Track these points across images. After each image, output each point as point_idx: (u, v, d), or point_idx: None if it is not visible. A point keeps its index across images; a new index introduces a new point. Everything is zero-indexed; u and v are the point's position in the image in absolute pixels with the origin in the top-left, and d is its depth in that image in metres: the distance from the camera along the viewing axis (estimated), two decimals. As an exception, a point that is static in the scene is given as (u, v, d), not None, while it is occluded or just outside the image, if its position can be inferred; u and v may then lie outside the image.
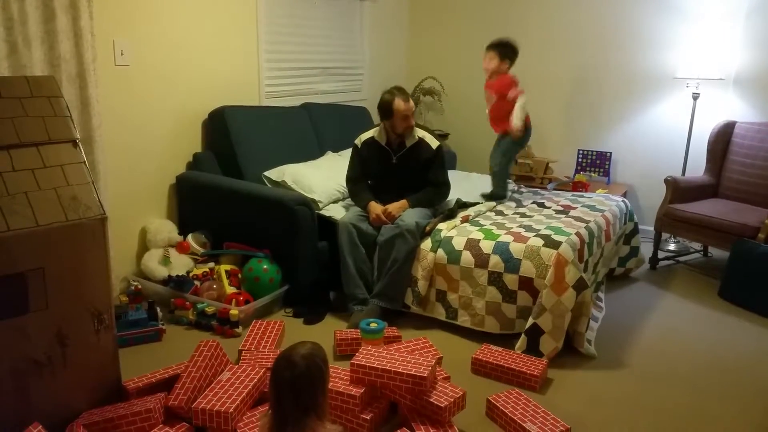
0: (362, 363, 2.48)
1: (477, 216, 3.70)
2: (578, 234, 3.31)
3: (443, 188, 3.78)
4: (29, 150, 2.27)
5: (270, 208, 3.55)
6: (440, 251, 3.34)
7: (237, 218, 3.71)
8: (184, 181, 3.91)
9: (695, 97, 4.60)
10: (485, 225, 3.51)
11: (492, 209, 3.88)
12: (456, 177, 4.16)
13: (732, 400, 2.75)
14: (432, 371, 2.45)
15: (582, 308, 3.06)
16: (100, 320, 2.39)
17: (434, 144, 3.70)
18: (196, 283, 3.49)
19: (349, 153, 3.88)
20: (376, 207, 3.58)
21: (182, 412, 2.39)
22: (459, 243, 3.32)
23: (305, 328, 3.38)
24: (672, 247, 4.77)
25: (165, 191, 3.92)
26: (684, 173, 4.73)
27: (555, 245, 3.12)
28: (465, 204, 3.86)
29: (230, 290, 3.45)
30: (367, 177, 3.81)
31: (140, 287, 3.44)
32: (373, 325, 3.06)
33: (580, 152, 5.27)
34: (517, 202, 4.05)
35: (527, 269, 3.12)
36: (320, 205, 3.80)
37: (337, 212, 3.76)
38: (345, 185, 3.86)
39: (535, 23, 5.34)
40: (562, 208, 3.85)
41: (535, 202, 4.03)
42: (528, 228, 3.41)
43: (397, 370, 2.43)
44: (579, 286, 3.01)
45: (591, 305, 3.12)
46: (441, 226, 3.48)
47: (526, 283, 3.12)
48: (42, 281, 2.20)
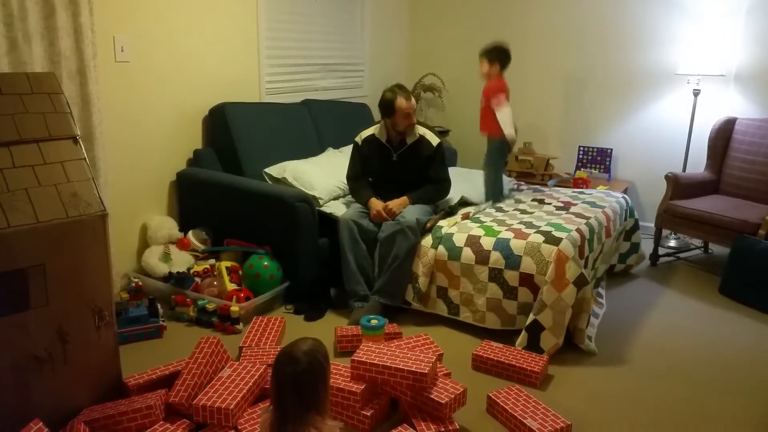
0: (363, 359, 2.49)
1: (477, 213, 3.70)
2: (579, 230, 3.31)
3: (444, 185, 3.77)
4: (29, 146, 2.26)
5: (270, 205, 3.55)
6: (441, 248, 3.34)
7: (238, 215, 3.71)
8: (185, 178, 3.90)
9: (696, 94, 4.59)
10: (486, 222, 3.51)
11: (492, 206, 3.88)
12: (456, 174, 4.15)
13: (732, 396, 2.76)
14: (433, 368, 2.46)
15: (582, 305, 3.06)
16: (101, 317, 2.39)
17: (435, 141, 3.69)
18: (197, 280, 3.49)
19: (350, 150, 3.88)
20: (377, 203, 3.58)
21: (183, 409, 2.39)
22: (459, 240, 3.32)
23: (306, 325, 3.38)
24: (672, 244, 4.77)
25: (165, 188, 3.92)
26: (685, 170, 4.73)
27: (555, 242, 3.12)
28: (467, 201, 3.86)
29: (231, 287, 3.45)
30: (368, 174, 3.81)
31: (141, 284, 3.45)
32: (374, 322, 3.06)
33: (581, 149, 5.27)
34: (518, 199, 4.05)
35: (528, 266, 3.12)
36: (321, 202, 3.79)
37: (338, 209, 3.76)
38: (345, 182, 3.86)
39: (536, 20, 5.33)
40: (563, 205, 3.85)
41: (536, 199, 4.03)
42: (528, 224, 3.41)
43: (398, 367, 2.43)
44: (579, 283, 3.01)
45: (591, 302, 3.12)
46: (442, 223, 3.48)
47: (527, 280, 3.12)
48: (42, 278, 2.20)
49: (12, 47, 2.88)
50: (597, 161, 5.20)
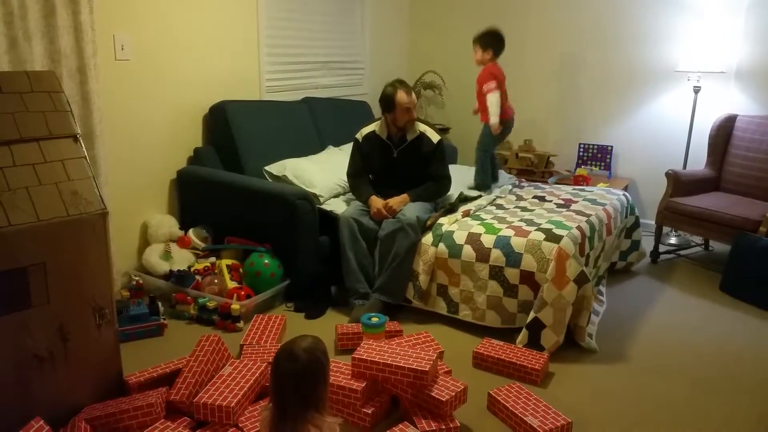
0: (363, 357, 2.49)
1: (478, 210, 3.70)
2: (579, 228, 3.31)
3: (444, 182, 3.77)
4: (30, 145, 2.26)
5: (271, 203, 3.55)
6: (441, 245, 3.34)
7: (238, 213, 3.71)
8: (185, 176, 3.91)
9: (696, 91, 4.58)
10: (486, 219, 3.51)
11: (492, 203, 3.88)
12: (457, 171, 4.15)
13: (733, 393, 2.76)
14: (433, 365, 2.46)
15: (583, 302, 3.06)
16: (102, 315, 2.40)
17: (435, 138, 3.69)
18: (198, 278, 3.49)
19: (350, 147, 3.88)
20: (377, 201, 3.58)
21: (184, 407, 2.39)
22: (460, 237, 3.32)
23: (306, 323, 3.38)
24: (673, 241, 4.77)
25: (166, 186, 3.92)
26: (685, 167, 4.72)
27: (556, 239, 3.12)
28: (467, 198, 3.87)
29: (231, 285, 3.45)
30: (368, 171, 3.81)
31: (141, 282, 3.45)
32: (375, 320, 3.06)
33: (581, 146, 5.26)
34: (518, 196, 4.05)
35: (528, 263, 3.12)
36: (321, 200, 3.80)
37: (338, 207, 3.76)
38: (346, 180, 3.86)
39: (536, 16, 5.33)
40: (564, 202, 3.85)
41: (536, 196, 4.02)
42: (529, 222, 3.41)
43: (399, 365, 2.43)
44: (580, 280, 3.01)
45: (592, 299, 3.12)
46: (442, 221, 3.48)
47: (528, 277, 3.12)
48: (43, 276, 2.20)
49: (12, 45, 2.88)
50: (597, 158, 5.20)
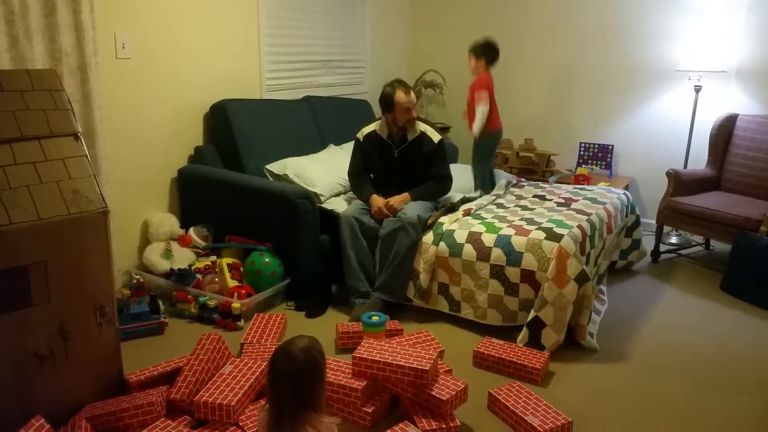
0: (364, 356, 2.49)
1: (479, 209, 3.70)
2: (580, 227, 3.31)
3: (445, 182, 3.77)
4: (31, 143, 2.26)
5: (272, 202, 3.55)
6: (442, 244, 3.34)
7: (239, 211, 3.71)
8: (186, 175, 3.91)
9: (697, 90, 4.58)
10: (487, 218, 3.51)
11: (493, 202, 3.88)
12: (457, 171, 4.15)
13: (733, 393, 2.76)
14: (434, 364, 2.46)
15: (584, 301, 3.06)
16: (102, 313, 2.40)
17: (436, 138, 3.69)
18: (198, 277, 3.49)
19: (351, 146, 3.88)
20: (378, 200, 3.58)
21: (184, 406, 2.39)
22: (461, 236, 3.32)
23: (307, 322, 3.38)
24: (674, 240, 4.77)
25: (167, 184, 3.92)
26: (686, 166, 4.72)
27: (557, 238, 3.12)
28: (467, 198, 3.87)
29: (232, 283, 3.45)
30: (369, 170, 3.81)
31: (142, 280, 3.45)
32: (375, 318, 3.06)
33: (582, 145, 5.26)
34: (519, 195, 4.05)
35: (529, 262, 3.12)
36: (322, 199, 3.80)
37: (339, 205, 3.76)
38: (347, 179, 3.86)
39: (537, 15, 5.32)
40: (564, 201, 3.84)
41: (537, 195, 4.02)
42: (530, 221, 3.41)
43: (399, 363, 2.43)
44: (581, 279, 3.01)
45: (593, 298, 3.12)
46: (443, 220, 3.48)
47: (528, 276, 3.12)
48: (44, 275, 2.20)
49: (13, 44, 2.88)
50: (598, 158, 5.20)
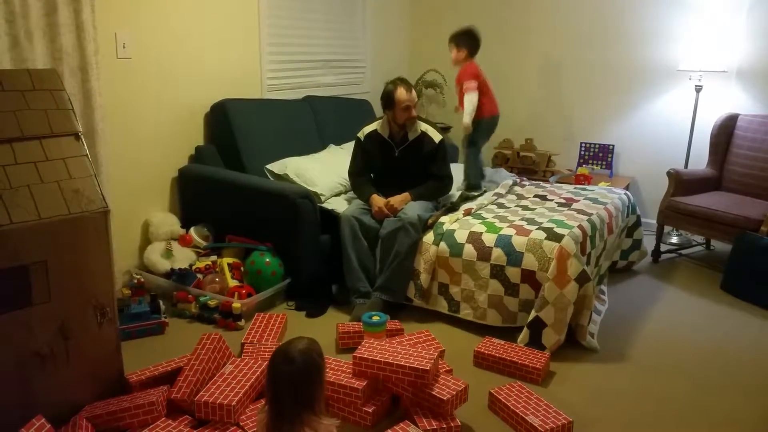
0: (364, 356, 2.49)
1: (479, 209, 3.70)
2: (581, 227, 3.31)
3: (446, 182, 3.77)
4: (32, 143, 2.27)
5: (272, 201, 3.55)
6: (442, 244, 3.34)
7: (239, 211, 3.71)
8: (187, 174, 3.90)
9: (698, 90, 4.58)
10: (487, 218, 3.51)
11: (494, 202, 3.88)
12: (458, 170, 4.15)
13: (734, 393, 2.76)
14: (434, 364, 2.46)
15: (584, 301, 3.06)
16: (103, 313, 2.40)
17: (437, 137, 3.69)
18: (199, 276, 3.50)
19: (351, 146, 3.88)
20: (379, 200, 3.58)
21: (185, 405, 2.39)
22: (461, 236, 3.32)
23: (307, 321, 3.38)
24: (674, 240, 4.77)
25: (167, 184, 3.92)
26: (686, 166, 4.72)
27: (557, 238, 3.12)
28: (468, 197, 3.87)
29: (233, 283, 3.45)
30: (370, 170, 3.81)
31: (143, 280, 3.44)
32: (376, 318, 3.06)
33: (583, 145, 5.26)
34: (520, 195, 4.05)
35: (529, 262, 3.12)
36: (322, 199, 3.80)
37: (340, 205, 3.76)
38: (347, 178, 3.86)
39: (537, 15, 5.32)
40: (565, 201, 3.84)
41: (538, 195, 4.02)
42: (530, 221, 3.41)
43: (400, 363, 2.43)
44: (581, 279, 3.01)
45: (593, 298, 3.12)
46: (443, 219, 3.48)
47: (529, 276, 3.12)
48: (45, 274, 2.20)
49: (14, 44, 2.88)
50: (599, 158, 5.20)
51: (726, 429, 2.51)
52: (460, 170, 4.22)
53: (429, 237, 3.40)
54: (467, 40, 4.00)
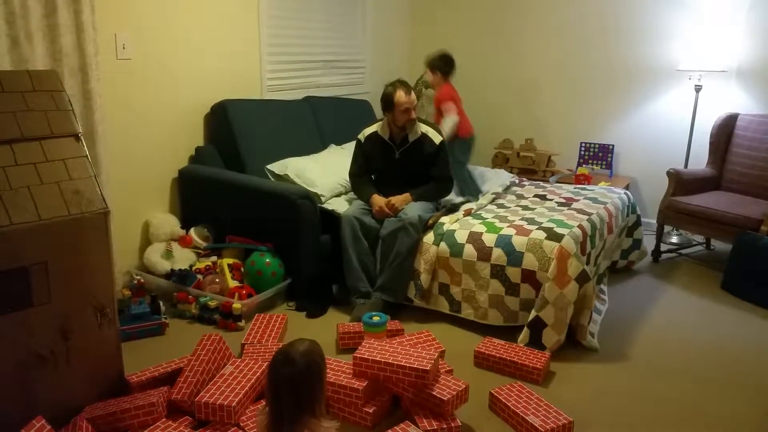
0: (365, 356, 2.49)
1: (479, 209, 3.70)
2: (581, 226, 3.31)
3: (447, 183, 3.77)
4: (32, 144, 2.27)
5: (272, 202, 3.55)
6: (443, 244, 3.34)
7: (239, 212, 3.71)
8: (187, 175, 3.90)
9: (698, 90, 4.58)
10: (488, 218, 3.51)
11: (494, 202, 3.88)
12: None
13: (734, 392, 2.76)
14: (435, 364, 2.46)
15: (585, 301, 3.06)
16: (103, 314, 2.40)
17: (437, 139, 3.69)
18: (199, 277, 3.49)
19: (352, 146, 3.88)
20: (379, 200, 3.58)
21: (185, 406, 2.40)
22: (461, 236, 3.32)
23: (308, 322, 3.38)
24: (675, 240, 4.77)
25: (167, 185, 3.92)
26: (686, 166, 4.72)
27: (557, 238, 3.12)
28: (469, 200, 3.87)
29: (233, 284, 3.45)
30: (371, 171, 3.81)
31: (143, 281, 3.44)
32: (376, 319, 3.06)
33: (583, 145, 5.26)
34: (520, 195, 4.05)
35: (530, 262, 3.12)
36: (322, 199, 3.80)
37: (340, 206, 3.76)
38: (347, 179, 3.86)
39: (537, 16, 5.32)
40: (565, 201, 3.84)
41: (538, 195, 4.02)
42: (530, 221, 3.41)
43: (400, 364, 2.43)
44: (581, 279, 3.01)
45: (594, 298, 3.12)
46: (443, 220, 3.48)
47: (529, 276, 3.12)
48: (45, 275, 2.20)
49: (14, 45, 2.88)
50: (599, 157, 5.20)
51: (726, 429, 2.51)
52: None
53: (429, 237, 3.40)
54: (439, 64, 4.21)
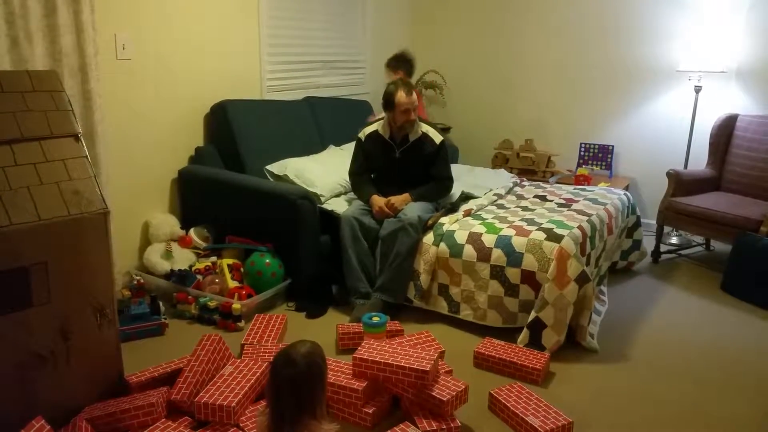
0: (364, 357, 2.49)
1: (479, 210, 3.70)
2: (580, 227, 3.31)
3: (446, 183, 3.77)
4: (31, 144, 2.26)
5: (272, 202, 3.55)
6: (442, 245, 3.34)
7: (239, 212, 3.71)
8: (187, 175, 3.90)
9: (697, 90, 4.58)
10: (487, 219, 3.51)
11: (494, 203, 3.88)
12: (458, 171, 4.15)
13: (734, 393, 2.76)
14: (434, 365, 2.46)
15: (584, 302, 3.06)
16: (103, 314, 2.40)
17: (438, 139, 3.69)
18: (199, 278, 3.49)
19: (352, 147, 3.88)
20: (379, 199, 3.58)
21: (185, 406, 2.39)
22: (461, 237, 3.32)
23: (307, 322, 3.38)
24: (674, 241, 4.77)
25: (167, 185, 3.92)
26: (686, 166, 4.72)
27: (557, 239, 3.12)
28: (468, 197, 3.86)
29: (232, 284, 3.45)
30: (371, 171, 3.81)
31: (143, 281, 3.44)
32: (376, 319, 3.06)
33: (582, 145, 5.26)
34: (519, 196, 4.05)
35: (529, 263, 3.12)
36: (322, 199, 3.79)
37: (339, 206, 3.76)
38: (347, 179, 3.86)
39: (537, 16, 5.32)
40: (565, 202, 3.84)
41: (538, 196, 4.02)
42: (530, 221, 3.41)
43: (400, 364, 2.43)
44: (581, 280, 3.01)
45: (593, 299, 3.12)
46: (443, 220, 3.48)
47: (529, 277, 3.12)
48: (45, 275, 2.20)
49: (13, 45, 2.88)
50: (598, 158, 5.20)
51: (726, 429, 2.51)
52: (461, 172, 4.22)
53: (429, 238, 3.40)
54: (401, 64, 4.26)
